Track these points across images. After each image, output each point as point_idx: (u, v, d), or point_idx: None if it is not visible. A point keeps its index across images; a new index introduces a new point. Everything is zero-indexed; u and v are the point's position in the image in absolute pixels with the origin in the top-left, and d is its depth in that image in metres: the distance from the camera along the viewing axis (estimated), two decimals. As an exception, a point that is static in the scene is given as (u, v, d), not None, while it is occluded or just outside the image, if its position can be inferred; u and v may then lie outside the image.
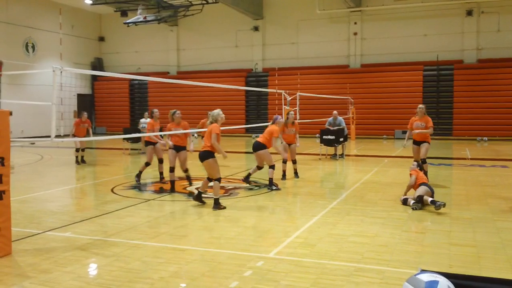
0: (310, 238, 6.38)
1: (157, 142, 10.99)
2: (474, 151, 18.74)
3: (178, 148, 9.99)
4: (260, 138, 10.37)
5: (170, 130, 9.88)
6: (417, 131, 10.59)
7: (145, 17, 23.79)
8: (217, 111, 8.55)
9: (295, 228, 6.88)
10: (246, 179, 10.81)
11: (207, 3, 25.61)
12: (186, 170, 10.35)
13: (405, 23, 26.40)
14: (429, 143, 10.65)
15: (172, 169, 9.94)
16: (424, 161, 10.49)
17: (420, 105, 10.86)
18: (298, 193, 10.00)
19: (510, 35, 24.65)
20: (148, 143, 11.14)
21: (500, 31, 24.84)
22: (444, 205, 7.75)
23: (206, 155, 8.21)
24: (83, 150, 15.07)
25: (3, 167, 5.56)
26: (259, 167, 10.62)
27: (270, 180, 10.27)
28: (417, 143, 10.68)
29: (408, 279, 2.92)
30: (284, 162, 11.66)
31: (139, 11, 24.11)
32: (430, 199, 7.98)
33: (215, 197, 8.22)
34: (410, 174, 8.75)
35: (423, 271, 3.03)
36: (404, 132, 25.38)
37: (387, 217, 7.55)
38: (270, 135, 10.29)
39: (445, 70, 25.60)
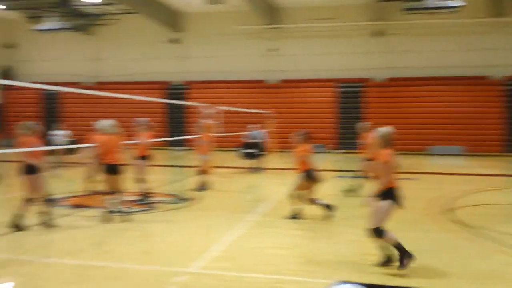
0: (232, 251, 6.49)
1: None
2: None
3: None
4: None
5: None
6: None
7: (58, 25, 22.91)
8: (110, 122, 8.41)
9: (216, 242, 6.94)
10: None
11: (125, 13, 25.19)
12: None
13: (319, 41, 27.58)
14: None
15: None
16: None
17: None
18: (220, 207, 10.09)
19: (415, 55, 26.56)
20: None
21: (407, 52, 26.72)
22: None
23: None
24: None
25: None
26: None
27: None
28: None
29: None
30: (203, 173, 11.73)
31: (52, 18, 23.20)
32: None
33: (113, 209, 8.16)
34: None
35: (340, 282, 3.20)
36: (320, 146, 26.39)
37: (307, 229, 7.86)
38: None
39: (356, 87, 27.08)
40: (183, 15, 29.17)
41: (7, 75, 30.17)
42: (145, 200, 10.11)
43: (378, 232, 5.54)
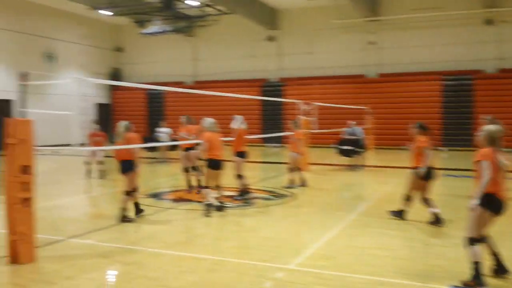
0: (330, 250, 6.34)
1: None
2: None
3: None
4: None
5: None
6: None
7: (162, 28, 24.03)
8: (211, 120, 8.84)
9: (314, 240, 6.83)
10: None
11: (223, 13, 25.82)
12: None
13: (423, 32, 26.27)
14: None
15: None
16: None
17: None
18: (316, 204, 9.95)
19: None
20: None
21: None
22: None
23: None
24: (100, 163, 14.03)
25: (28, 175, 5.65)
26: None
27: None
28: None
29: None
30: (294, 171, 11.68)
31: (156, 22, 24.39)
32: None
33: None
34: None
35: (453, 287, 2.96)
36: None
37: (409, 230, 7.46)
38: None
39: (464, 80, 25.38)
40: (279, 13, 29.28)
41: (115, 76, 32.34)
42: (242, 196, 10.24)
43: (469, 241, 4.93)
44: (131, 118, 31.67)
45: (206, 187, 8.57)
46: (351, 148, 15.53)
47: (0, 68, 24.77)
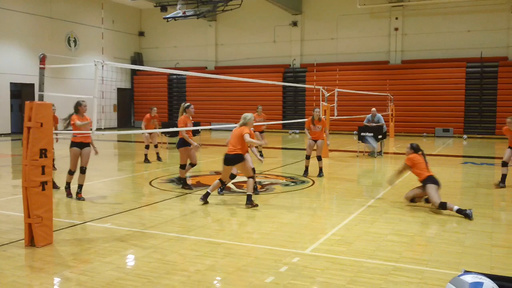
0: (347, 235, 6.31)
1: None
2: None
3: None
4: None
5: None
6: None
7: (184, 12, 23.93)
8: (250, 115, 8.31)
9: (331, 225, 6.81)
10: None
11: (246, -2, 25.63)
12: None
13: (448, 18, 25.73)
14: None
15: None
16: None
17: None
18: (335, 190, 9.90)
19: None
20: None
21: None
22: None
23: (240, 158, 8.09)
24: (156, 146, 14.03)
25: (45, 159, 5.70)
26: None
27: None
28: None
29: (452, 280, 2.83)
30: (307, 158, 11.59)
31: (178, 6, 24.29)
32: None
33: (248, 193, 8.07)
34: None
35: (466, 272, 2.91)
36: (445, 130, 24.86)
37: (427, 217, 7.39)
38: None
39: (489, 67, 24.82)
40: (302, -3, 28.95)
41: (136, 61, 32.50)
42: (261, 182, 10.22)
43: None
44: (152, 103, 31.82)
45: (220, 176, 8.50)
46: (372, 134, 15.36)
47: (24, 52, 25.13)
